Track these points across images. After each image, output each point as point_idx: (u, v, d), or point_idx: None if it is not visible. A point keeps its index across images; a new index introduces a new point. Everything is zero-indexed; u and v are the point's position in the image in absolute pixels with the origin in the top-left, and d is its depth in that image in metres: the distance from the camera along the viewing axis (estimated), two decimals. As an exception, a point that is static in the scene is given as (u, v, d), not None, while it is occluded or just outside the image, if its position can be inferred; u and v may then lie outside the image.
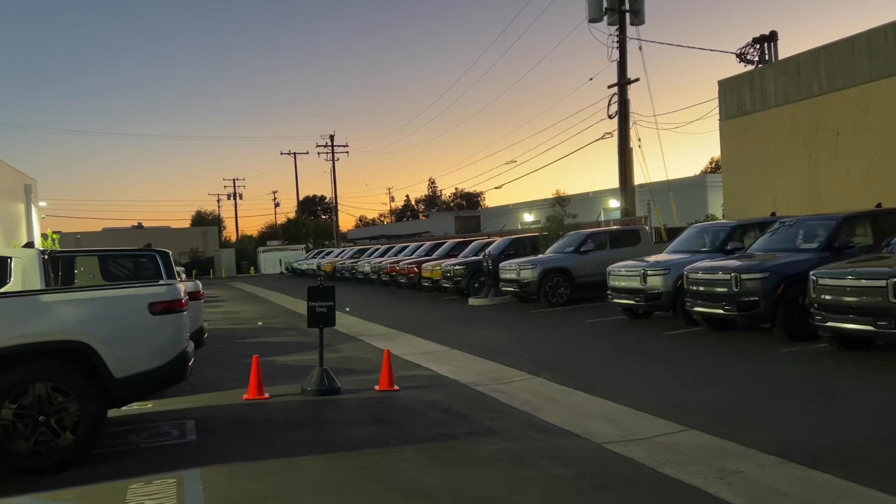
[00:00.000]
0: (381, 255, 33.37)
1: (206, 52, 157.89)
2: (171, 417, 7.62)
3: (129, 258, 10.87)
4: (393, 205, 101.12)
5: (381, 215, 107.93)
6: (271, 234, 78.27)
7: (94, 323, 5.96)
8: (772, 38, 26.24)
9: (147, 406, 8.12)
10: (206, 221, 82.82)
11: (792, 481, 4.90)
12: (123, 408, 6.88)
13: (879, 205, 12.09)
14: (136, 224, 72.40)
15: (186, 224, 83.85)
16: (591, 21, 24.86)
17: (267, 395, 8.49)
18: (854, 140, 16.22)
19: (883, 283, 8.17)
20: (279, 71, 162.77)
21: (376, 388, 8.68)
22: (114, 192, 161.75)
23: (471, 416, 7.29)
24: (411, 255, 29.34)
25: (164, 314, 6.24)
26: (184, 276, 15.92)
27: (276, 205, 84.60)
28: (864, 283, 8.47)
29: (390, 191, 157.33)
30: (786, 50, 43.99)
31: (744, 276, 10.48)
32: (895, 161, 15.13)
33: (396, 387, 8.65)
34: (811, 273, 9.19)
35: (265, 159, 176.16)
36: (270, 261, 60.70)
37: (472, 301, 19.74)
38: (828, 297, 8.84)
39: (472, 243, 25.03)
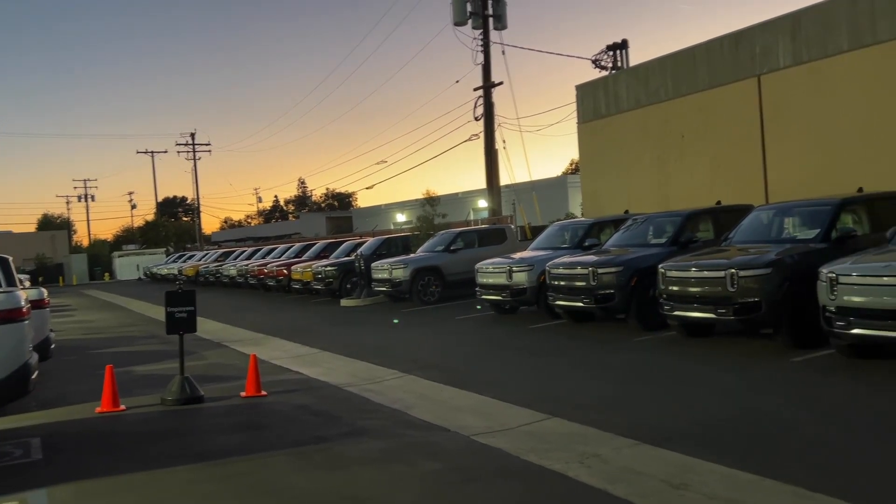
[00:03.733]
0: (248, 258, 32.35)
1: (55, 44, 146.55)
2: (13, 436, 7.02)
3: (-38, 266, 9.89)
4: (260, 205, 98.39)
5: (248, 217, 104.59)
6: (128, 237, 73.88)
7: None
8: (623, 45, 27.91)
9: (-15, 426, 7.44)
10: (54, 225, 76.92)
11: (646, 461, 5.24)
12: (-43, 430, 6.27)
13: (719, 202, 13.14)
14: (-30, 229, 66.04)
15: (32, 228, 77.48)
16: (457, 24, 25.35)
17: (123, 406, 8.02)
18: (697, 142, 17.54)
19: (722, 273, 8.91)
20: (135, 66, 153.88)
21: (242, 394, 8.42)
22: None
23: (343, 417, 7.24)
24: (280, 256, 28.64)
25: (1, 324, 5.75)
26: (27, 283, 14.68)
27: (133, 206, 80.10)
28: (705, 274, 9.20)
29: (257, 191, 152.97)
30: (636, 57, 46.76)
31: (600, 271, 11.07)
32: (733, 162, 16.51)
33: (264, 392, 8.43)
34: (660, 266, 9.86)
35: (120, 159, 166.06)
36: (127, 266, 57.23)
37: (345, 302, 19.58)
38: (675, 288, 9.52)
39: (344, 244, 24.82)
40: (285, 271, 24.40)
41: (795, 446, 5.35)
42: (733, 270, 8.78)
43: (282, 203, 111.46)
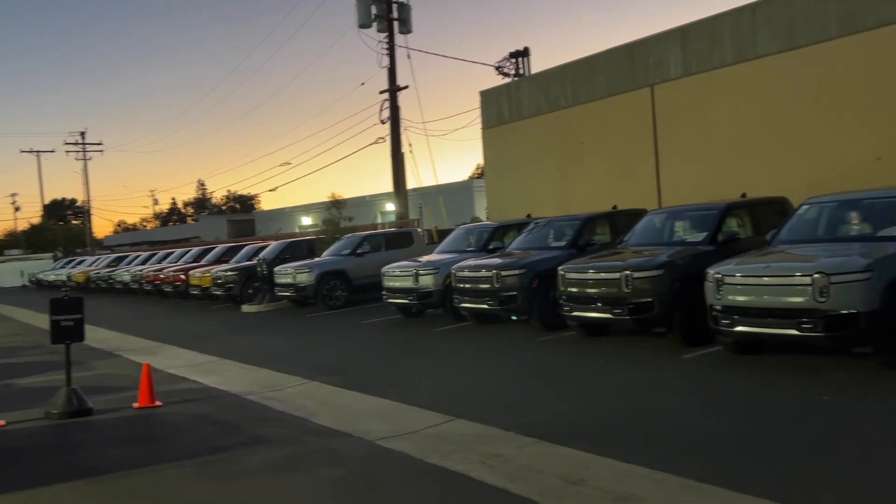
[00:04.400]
0: (143, 263, 30.99)
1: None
2: None
3: None
4: (157, 208, 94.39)
5: (143, 220, 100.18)
6: (11, 242, 69.19)
7: None
8: (525, 53, 28.55)
9: None
10: (-75, 229, 71.07)
11: (545, 458, 5.37)
12: None
13: (615, 207, 13.66)
14: None
15: None
16: (361, 27, 25.23)
17: (2, 422, 7.50)
18: (596, 148, 18.16)
19: (617, 275, 9.25)
20: (20, 62, 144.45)
21: (135, 405, 8.04)
22: None
23: (242, 426, 7.05)
24: (178, 261, 27.58)
25: None
26: None
27: (17, 209, 75.03)
28: (602, 276, 9.52)
29: (154, 193, 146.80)
30: (538, 65, 47.89)
31: (503, 273, 11.27)
32: (629, 167, 17.20)
33: (159, 403, 8.09)
34: (559, 268, 10.14)
35: (2, 159, 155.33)
36: (10, 272, 53.53)
37: (246, 308, 19.06)
38: (573, 289, 9.81)
39: (246, 248, 24.16)
40: (183, 276, 23.51)
41: (685, 439, 5.62)
42: (628, 272, 9.14)
43: (180, 205, 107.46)
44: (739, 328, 7.70)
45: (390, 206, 35.14)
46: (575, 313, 9.85)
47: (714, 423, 6.01)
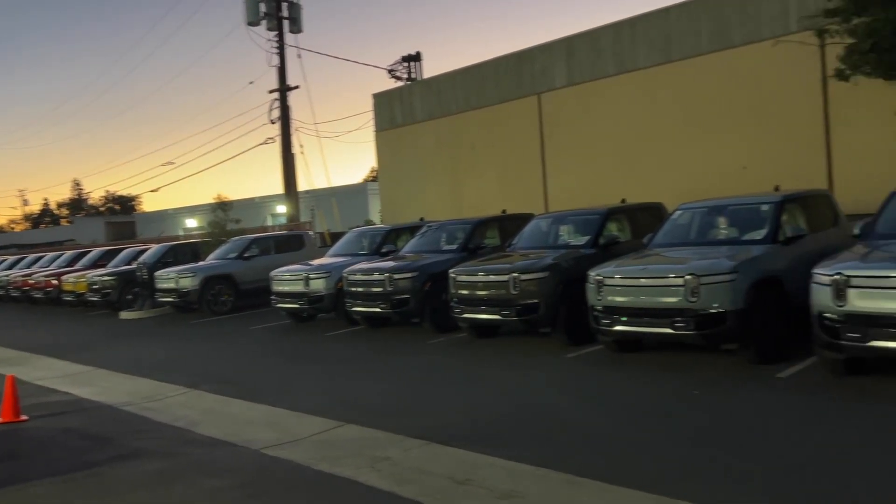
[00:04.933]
0: (10, 267, 28.78)
1: None
2: None
3: None
4: (27, 209, 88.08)
5: (11, 221, 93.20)
6: None
7: None
8: (417, 57, 28.73)
9: None
10: None
11: (433, 460, 5.41)
12: None
13: (504, 211, 13.96)
14: None
15: None
16: (250, 24, 24.60)
17: None
18: (487, 153, 18.52)
19: (505, 277, 9.46)
20: None
21: (-2, 421, 7.46)
22: None
23: (117, 439, 6.68)
24: (50, 265, 25.81)
25: None
26: None
27: None
28: (491, 278, 9.71)
29: (23, 193, 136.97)
30: (430, 69, 48.37)
31: (396, 276, 11.27)
32: (518, 172, 17.64)
33: (24, 417, 7.54)
34: (450, 271, 10.26)
35: None
36: None
37: (125, 315, 18.09)
38: (464, 291, 9.95)
39: (125, 251, 22.93)
40: (55, 282, 22.01)
41: (568, 435, 5.81)
42: (515, 274, 9.36)
43: (53, 207, 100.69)
44: (619, 328, 8.04)
45: (281, 209, 34.39)
46: (465, 315, 9.99)
47: (594, 419, 6.25)
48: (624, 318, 7.96)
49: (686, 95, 14.40)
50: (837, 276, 6.28)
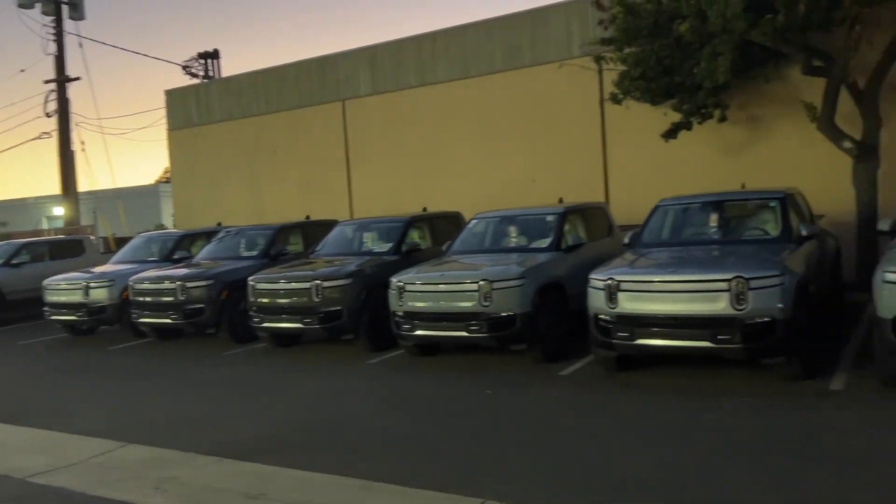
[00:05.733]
0: None
1: None
2: None
3: None
4: None
5: None
6: None
7: None
8: (215, 55, 27.52)
9: None
10: None
11: (227, 476, 5.18)
12: None
13: (308, 217, 13.77)
14: None
15: None
16: (22, 6, 22.14)
17: None
18: (289, 158, 18.13)
19: (308, 284, 9.33)
20: None
21: None
22: None
23: None
24: None
25: None
26: None
27: None
28: (293, 285, 9.53)
29: None
30: (229, 68, 46.61)
31: (189, 285, 10.68)
32: (322, 178, 17.47)
33: None
34: (249, 279, 9.92)
35: None
36: None
37: None
38: (264, 300, 9.67)
39: None
40: None
41: (368, 441, 5.84)
42: (318, 281, 9.26)
43: None
44: (419, 332, 8.27)
45: (59, 211, 31.17)
46: (266, 324, 9.71)
47: (394, 423, 6.35)
48: (424, 323, 8.20)
49: (482, 110, 15.14)
50: (610, 281, 6.95)
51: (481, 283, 7.83)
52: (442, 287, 8.20)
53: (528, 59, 14.63)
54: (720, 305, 6.36)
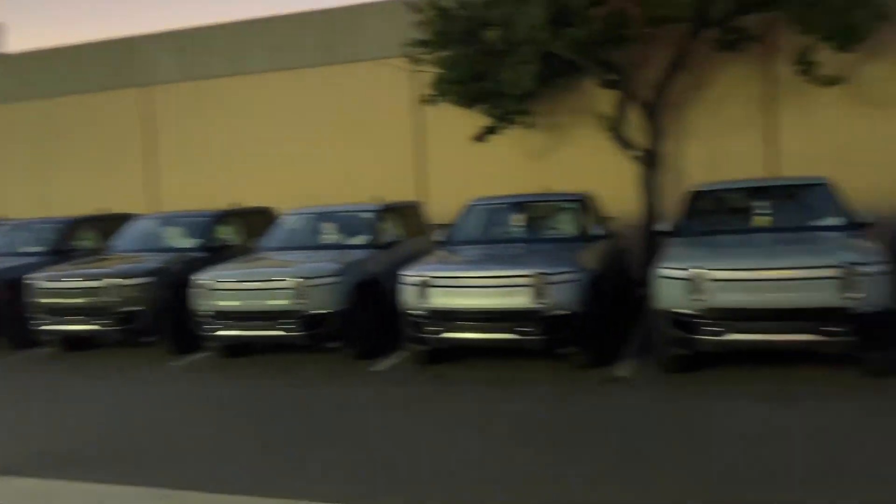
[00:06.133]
0: None
1: None
2: None
3: None
4: None
5: None
6: None
7: None
8: (-2, 28, 24.54)
9: None
10: None
11: (9, 495, 4.65)
12: None
13: (105, 210, 12.70)
14: None
15: None
16: None
17: None
18: (85, 145, 16.61)
19: (104, 283, 8.60)
20: None
21: None
22: None
23: None
24: None
25: None
26: None
27: None
28: (86, 284, 8.73)
29: None
30: (15, 45, 41.94)
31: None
32: (123, 169, 16.17)
33: None
34: (29, 277, 8.97)
35: None
36: None
37: None
38: (50, 300, 8.79)
39: None
40: None
41: (166, 448, 5.51)
42: (116, 279, 8.59)
43: None
44: (226, 332, 7.94)
45: None
46: (52, 327, 8.84)
47: (195, 428, 6.04)
48: (232, 322, 7.88)
49: (297, 104, 14.82)
50: (421, 278, 7.10)
51: (297, 280, 7.68)
52: (252, 284, 7.93)
53: (344, 56, 14.55)
54: (524, 300, 6.74)
